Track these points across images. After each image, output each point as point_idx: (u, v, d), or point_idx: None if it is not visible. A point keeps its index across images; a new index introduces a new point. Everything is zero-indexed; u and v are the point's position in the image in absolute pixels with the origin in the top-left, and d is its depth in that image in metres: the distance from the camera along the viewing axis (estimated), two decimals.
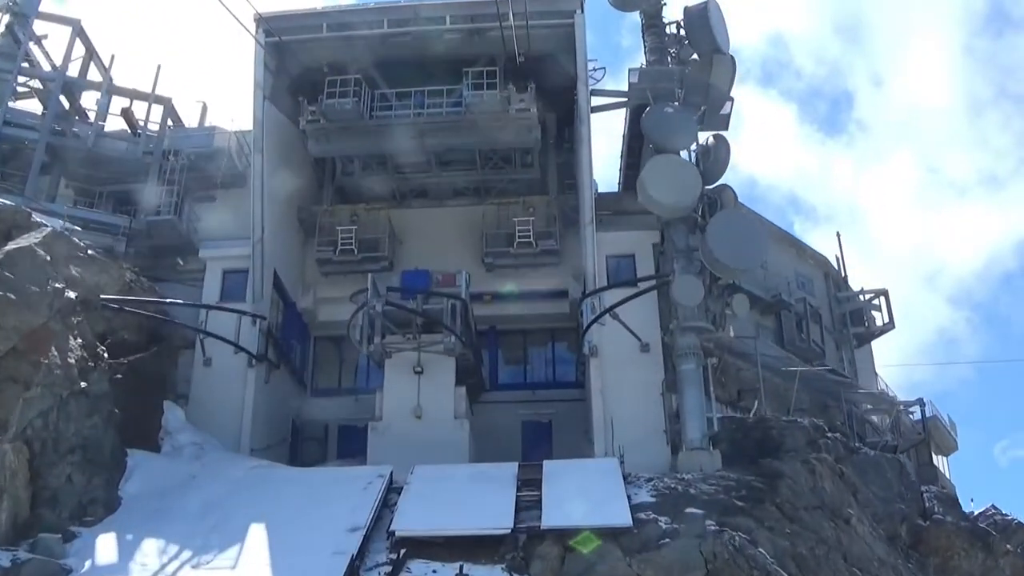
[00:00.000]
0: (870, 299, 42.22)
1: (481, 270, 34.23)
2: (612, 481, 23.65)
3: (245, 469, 26.13)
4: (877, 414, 39.26)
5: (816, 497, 25.42)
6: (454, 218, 36.06)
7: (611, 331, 28.84)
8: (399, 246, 35.68)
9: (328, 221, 35.55)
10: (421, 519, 22.01)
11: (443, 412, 28.82)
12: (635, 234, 31.63)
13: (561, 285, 34.00)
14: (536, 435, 33.28)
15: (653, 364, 29.30)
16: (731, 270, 27.68)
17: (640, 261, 31.12)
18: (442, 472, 24.77)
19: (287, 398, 33.38)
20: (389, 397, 29.13)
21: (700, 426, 26.62)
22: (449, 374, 29.36)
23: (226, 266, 32.99)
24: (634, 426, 28.22)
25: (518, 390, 34.88)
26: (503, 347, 36.13)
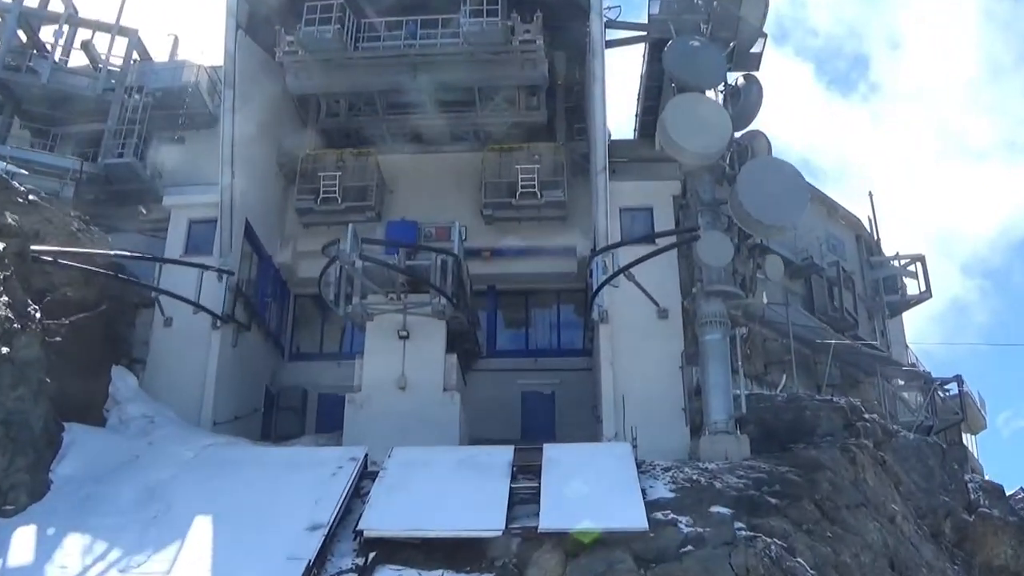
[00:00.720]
0: (905, 265, 38.50)
1: (479, 223, 30.89)
2: (624, 471, 20.09)
3: (198, 448, 22.60)
4: (909, 391, 35.84)
5: (858, 492, 21.98)
6: (450, 165, 32.60)
7: (624, 294, 25.21)
8: (389, 195, 32.25)
9: (310, 167, 31.98)
10: (395, 516, 18.50)
11: (431, 383, 25.41)
12: (653, 185, 28.03)
13: (568, 241, 30.46)
14: (537, 408, 30.13)
15: (672, 333, 25.85)
16: (764, 227, 23.97)
17: (659, 215, 27.50)
18: (424, 456, 21.24)
19: (260, 363, 30.02)
20: (370, 365, 25.67)
21: (725, 406, 23.05)
22: (438, 340, 25.89)
23: (193, 215, 29.67)
24: (649, 403, 24.81)
25: (518, 357, 31.52)
26: (503, 309, 32.81)
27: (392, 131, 33.00)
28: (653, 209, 27.64)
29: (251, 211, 29.44)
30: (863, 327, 34.87)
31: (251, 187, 29.56)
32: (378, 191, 31.51)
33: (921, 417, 33.85)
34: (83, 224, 26.51)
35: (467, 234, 29.41)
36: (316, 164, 31.96)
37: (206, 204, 28.90)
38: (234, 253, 28.13)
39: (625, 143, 32.19)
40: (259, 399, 29.75)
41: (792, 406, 25.10)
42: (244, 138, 29.03)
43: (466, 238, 29.29)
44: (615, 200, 27.07)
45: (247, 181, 29.12)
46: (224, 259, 27.83)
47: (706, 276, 24.06)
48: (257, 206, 30.04)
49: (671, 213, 27.41)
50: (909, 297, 38.38)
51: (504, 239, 30.82)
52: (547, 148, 31.40)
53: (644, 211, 27.67)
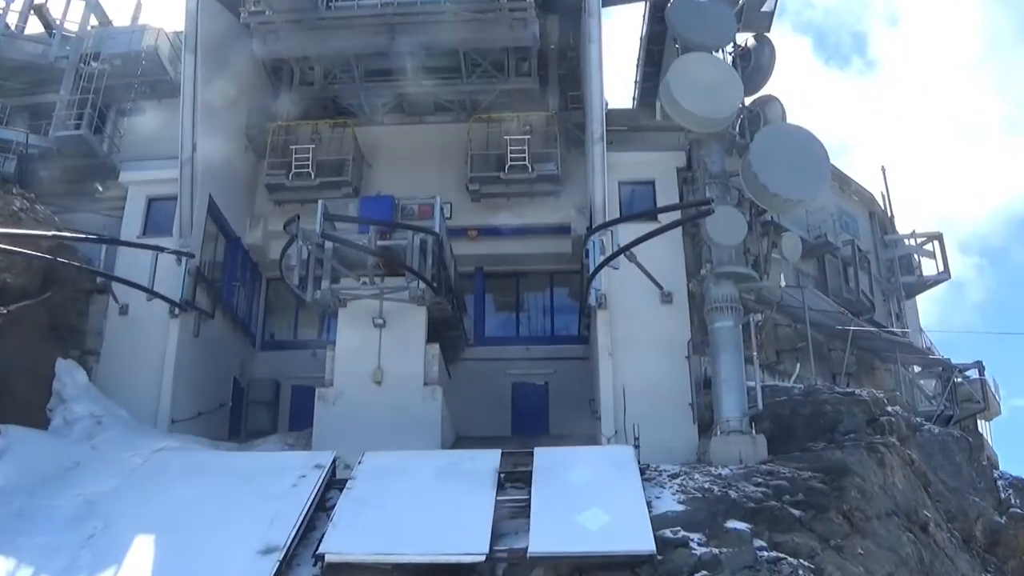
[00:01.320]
0: (922, 244, 36.01)
1: (465, 199, 28.55)
2: (626, 480, 17.62)
3: (147, 452, 20.14)
4: (925, 378, 33.37)
5: (889, 499, 19.65)
6: (434, 137, 30.09)
7: (625, 277, 22.68)
8: (367, 170, 29.89)
9: (282, 139, 29.59)
10: (362, 537, 16.02)
11: (410, 376, 22.91)
12: (655, 156, 25.58)
13: (562, 219, 28.05)
14: (529, 400, 27.80)
15: (677, 320, 23.39)
16: (781, 201, 21.54)
17: (661, 189, 25.02)
18: (399, 463, 18.78)
19: (226, 354, 27.50)
20: (342, 357, 23.17)
21: (739, 402, 20.64)
22: (418, 328, 23.38)
23: (152, 192, 27.08)
24: (652, 398, 22.40)
25: (509, 345, 29.09)
26: (491, 293, 30.38)
27: (371, 100, 30.50)
28: (655, 182, 25.12)
29: (216, 187, 26.86)
30: (878, 310, 32.42)
31: (216, 161, 26.86)
32: (355, 165, 29.10)
33: (941, 406, 31.40)
34: (27, 203, 23.99)
35: (452, 211, 27.38)
36: (288, 136, 29.56)
37: (167, 180, 26.18)
38: (195, 233, 25.55)
39: (623, 112, 29.66)
40: (226, 393, 27.22)
41: (810, 400, 22.67)
42: (208, 108, 26.42)
43: (451, 216, 27.11)
44: (613, 173, 24.53)
45: (211, 154, 26.44)
46: (184, 240, 25.23)
47: (716, 256, 21.58)
48: (223, 182, 27.48)
49: (675, 187, 24.97)
50: (926, 278, 35.93)
51: (492, 216, 28.45)
52: (539, 118, 28.98)
53: (645, 185, 25.17)
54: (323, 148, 29.15)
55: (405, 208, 24.05)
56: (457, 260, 26.97)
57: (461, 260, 27.41)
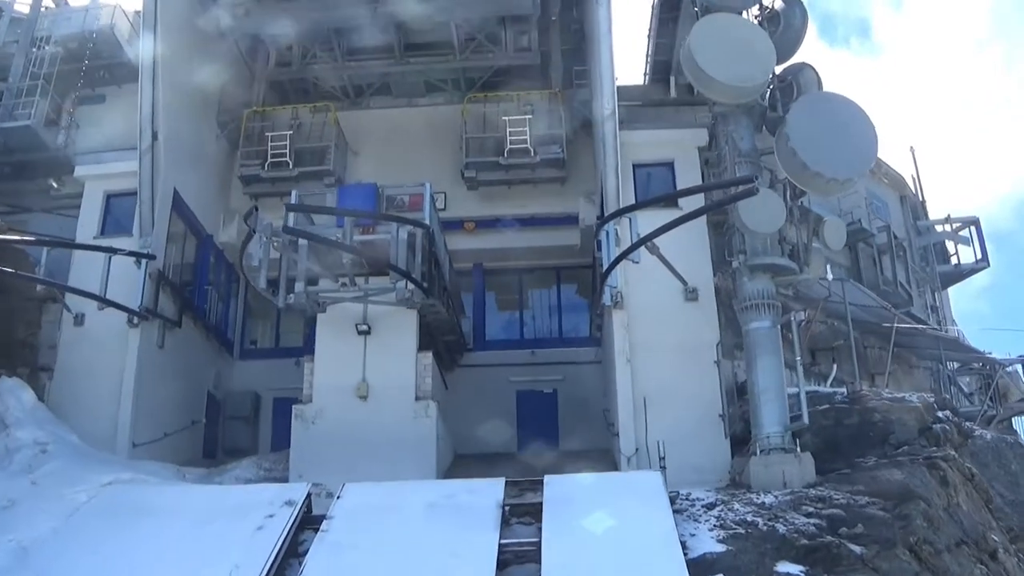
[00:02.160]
0: (957, 230, 33.21)
1: (461, 188, 26.00)
2: (655, 515, 14.75)
3: (95, 487, 17.24)
4: (963, 375, 30.80)
5: (956, 525, 16.98)
6: (425, 121, 27.55)
7: (643, 271, 19.82)
8: (352, 158, 27.28)
9: (257, 126, 26.91)
10: None
11: (399, 390, 20.06)
12: (673, 134, 22.73)
13: (570, 208, 25.53)
14: (536, 411, 25.02)
15: (703, 319, 20.53)
16: (824, 181, 18.65)
17: (682, 171, 22.09)
18: (385, 496, 15.94)
19: (198, 365, 24.66)
20: (322, 369, 20.37)
21: (780, 415, 17.82)
22: (408, 334, 20.54)
23: (111, 187, 24.19)
24: (677, 409, 19.60)
25: (512, 349, 26.28)
26: (492, 292, 27.63)
27: (355, 82, 28.00)
28: (674, 163, 22.24)
29: (183, 181, 24.07)
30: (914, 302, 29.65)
31: (182, 151, 24.14)
32: (339, 153, 26.50)
33: (984, 406, 28.67)
34: None
35: (446, 201, 25.29)
36: (264, 123, 26.97)
37: (127, 174, 23.31)
38: (157, 232, 22.73)
39: (635, 89, 26.71)
40: (198, 409, 24.46)
41: (857, 408, 19.88)
42: (173, 92, 23.61)
43: (444, 206, 24.92)
44: (627, 154, 21.64)
45: (177, 144, 23.67)
46: (144, 240, 22.44)
47: (750, 246, 18.70)
48: (191, 175, 24.72)
49: (697, 168, 22.10)
50: (963, 267, 33.13)
51: (491, 207, 26.03)
52: (541, 96, 26.35)
53: (663, 167, 22.29)
54: (303, 135, 26.53)
55: (393, 199, 21.24)
56: (453, 256, 24.53)
57: (457, 256, 25.12)
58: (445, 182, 25.56)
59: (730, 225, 19.25)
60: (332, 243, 18.55)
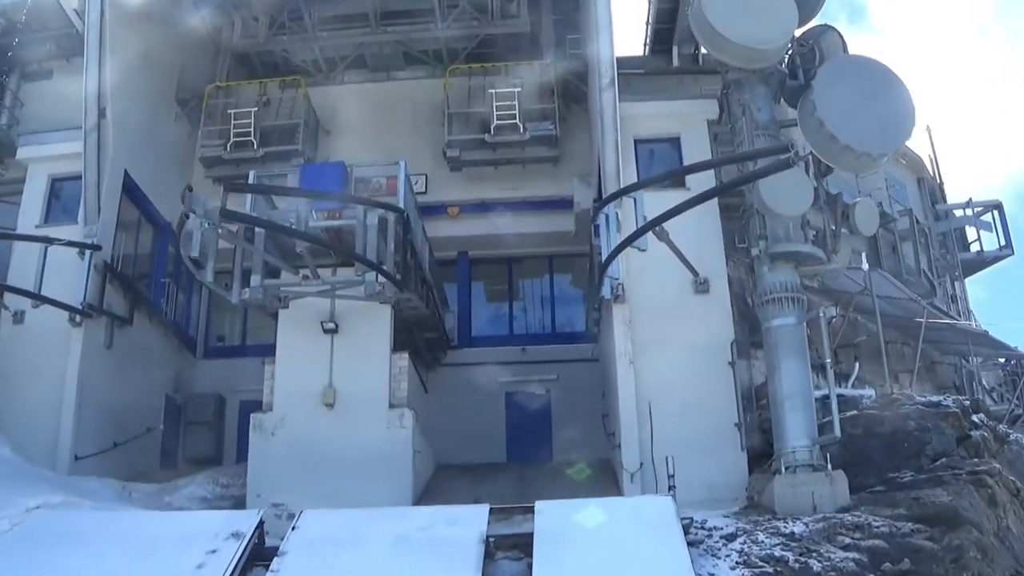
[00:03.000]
0: (979, 214, 30.81)
1: (443, 169, 23.81)
2: (667, 550, 12.40)
3: (19, 512, 14.86)
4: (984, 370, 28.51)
5: (1007, 552, 14.94)
6: (404, 96, 25.29)
7: (647, 260, 17.43)
8: (324, 137, 24.97)
9: (220, 103, 24.55)
10: None
11: (371, 397, 17.74)
12: (680, 106, 20.32)
13: (563, 190, 23.06)
14: (527, 415, 22.94)
15: (716, 314, 18.12)
16: (855, 156, 16.19)
17: (689, 146, 19.60)
18: (349, 527, 13.55)
19: (155, 366, 22.24)
20: (284, 372, 18.02)
21: (807, 426, 15.46)
22: (381, 333, 18.22)
23: (56, 170, 21.76)
24: (687, 418, 17.20)
25: (500, 346, 23.98)
26: (479, 283, 25.33)
27: (327, 54, 25.69)
28: (680, 139, 19.78)
29: (137, 163, 21.75)
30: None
31: (137, 131, 21.89)
32: (308, 132, 24.23)
33: (1013, 405, 26.38)
34: None
35: (427, 184, 23.10)
36: (228, 99, 24.64)
37: (74, 155, 20.91)
38: (105, 220, 20.41)
39: (634, 60, 24.26)
40: (155, 414, 22.06)
41: (888, 414, 17.50)
42: (125, 65, 21.37)
43: (426, 189, 22.87)
44: (628, 128, 19.22)
45: (130, 123, 21.50)
46: (89, 228, 20.07)
47: (771, 231, 16.30)
48: (147, 156, 22.36)
49: (706, 143, 19.65)
50: (986, 254, 30.70)
51: (476, 189, 23.86)
52: (531, 68, 24.06)
53: (668, 142, 19.83)
54: (270, 112, 24.25)
55: (368, 181, 18.79)
56: (435, 244, 22.33)
57: (440, 243, 22.93)
58: (426, 163, 23.47)
59: (747, 207, 16.85)
60: (280, 228, 16.14)
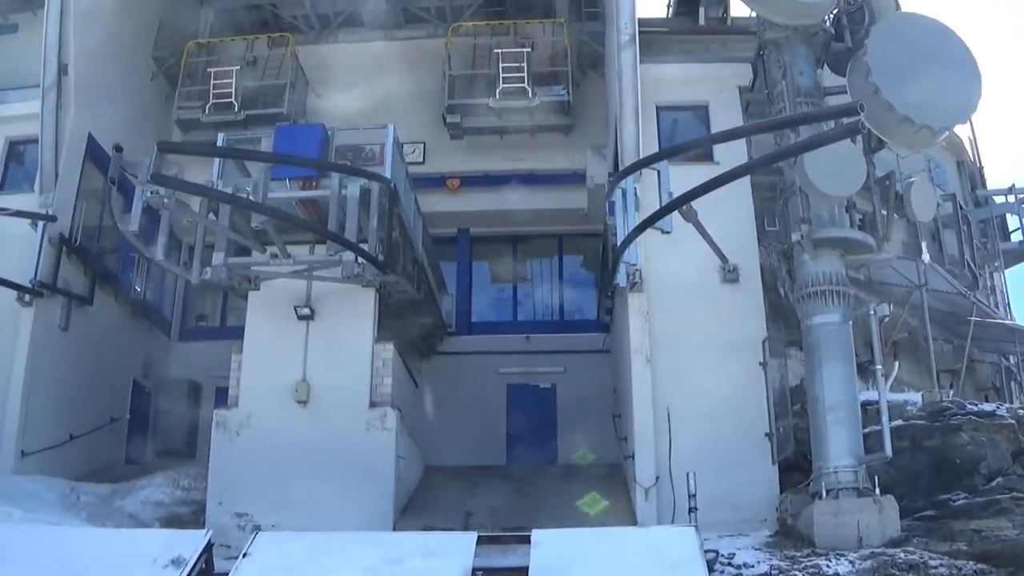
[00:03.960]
0: (1022, 200, 28.51)
1: (443, 137, 21.64)
2: None
3: None
4: None
5: None
6: (402, 57, 22.90)
7: (669, 243, 14.88)
8: (315, 100, 22.73)
9: (201, 61, 22.51)
10: None
11: (350, 393, 15.51)
12: (708, 69, 18.06)
13: (575, 163, 20.98)
14: (530, 410, 20.91)
15: (746, 307, 15.90)
16: (913, 130, 13.87)
17: (718, 115, 17.29)
18: (309, 554, 11.41)
19: (121, 350, 20.14)
20: (252, 363, 15.83)
21: (852, 442, 13.29)
22: (363, 320, 15.98)
23: (14, 132, 19.78)
24: (710, 426, 15.07)
25: (503, 333, 22.01)
26: (480, 263, 23.22)
27: (319, 9, 23.52)
28: (709, 107, 17.48)
29: (104, 126, 19.51)
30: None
31: (105, 90, 19.80)
32: (296, 93, 22.04)
33: None
34: None
35: (426, 153, 21.28)
36: (211, 57, 22.61)
37: (35, 116, 18.77)
38: (62, 187, 18.31)
39: (655, 21, 21.89)
40: (120, 403, 20.05)
41: (938, 427, 15.36)
42: (93, 17, 19.47)
43: (424, 159, 21.06)
44: (649, 93, 16.96)
45: (97, 81, 19.46)
46: (45, 196, 17.97)
47: (815, 213, 14.02)
48: (117, 119, 20.15)
49: (738, 111, 17.32)
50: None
51: (480, 159, 21.71)
52: (542, 27, 22.03)
53: (694, 110, 17.58)
54: (254, 72, 22.24)
55: (361, 149, 16.56)
56: (433, 219, 20.64)
57: (438, 219, 21.18)
58: (425, 130, 21.54)
59: (786, 186, 14.58)
60: (225, 198, 13.84)
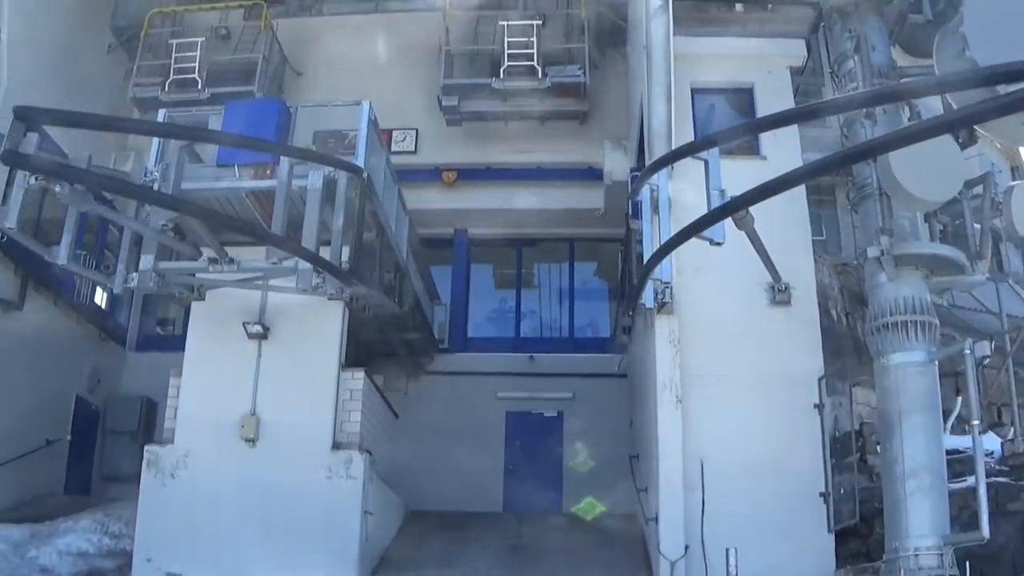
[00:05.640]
0: None
1: (438, 123, 19.12)
2: None
3: None
4: None
5: None
6: (394, 31, 20.32)
7: (704, 257, 12.03)
8: (294, 79, 20.27)
9: (164, 32, 19.89)
10: None
11: (308, 431, 12.77)
12: (754, 44, 14.89)
13: (591, 155, 18.30)
14: (532, 444, 18.09)
15: (799, 336, 12.87)
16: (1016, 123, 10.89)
17: (765, 99, 14.23)
18: None
19: (63, 361, 17.43)
20: (191, 391, 13.01)
21: (937, 517, 10.29)
22: (329, 340, 13.20)
23: None
24: (753, 484, 12.09)
25: (502, 352, 19.26)
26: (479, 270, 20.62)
27: None
28: (754, 89, 14.51)
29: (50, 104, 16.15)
30: None
31: (49, 64, 17.49)
32: (272, 71, 19.63)
33: None
34: None
35: (418, 141, 18.93)
36: (175, 28, 20.08)
37: None
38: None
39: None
40: (60, 422, 17.34)
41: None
42: None
43: (416, 148, 18.78)
44: (682, 72, 13.97)
45: (41, 51, 17.30)
46: None
47: (897, 224, 11.08)
48: (63, 97, 17.18)
49: (788, 95, 14.36)
50: None
51: (480, 150, 19.23)
52: None
53: (738, 93, 14.62)
54: (226, 47, 19.75)
55: (344, 136, 13.62)
56: (425, 217, 18.12)
57: (432, 217, 18.78)
58: (418, 115, 19.26)
59: (859, 187, 11.62)
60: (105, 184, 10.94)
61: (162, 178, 10.98)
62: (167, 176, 10.96)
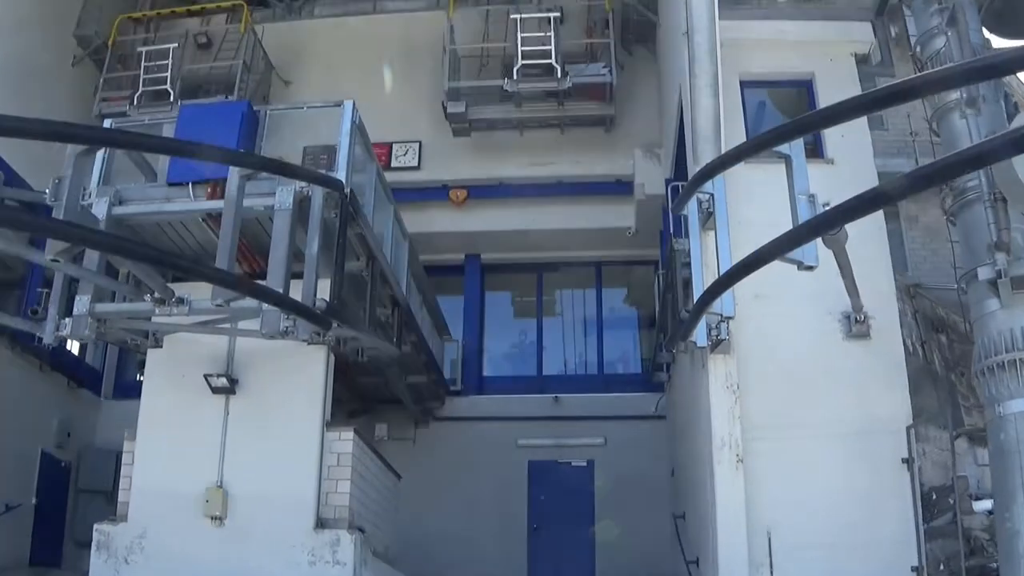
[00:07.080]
0: None
1: (444, 134, 17.20)
2: None
3: None
4: None
5: None
6: (394, 34, 18.67)
7: (762, 284, 9.77)
8: (281, 88, 18.47)
9: (136, 40, 18.00)
10: None
11: (287, 507, 10.38)
12: (814, 28, 12.77)
13: (619, 166, 16.59)
14: (559, 499, 16.19)
15: (882, 376, 10.60)
16: None
17: (828, 92, 12.04)
18: None
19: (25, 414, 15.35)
20: (147, 459, 10.76)
21: None
22: (310, 394, 10.79)
23: None
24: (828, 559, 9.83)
25: (523, 393, 17.39)
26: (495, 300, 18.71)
27: None
28: (814, 80, 12.37)
29: None
30: None
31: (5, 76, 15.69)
32: (255, 79, 17.67)
33: None
34: None
35: (421, 155, 17.17)
36: (148, 34, 18.33)
37: None
38: None
39: None
40: (23, 484, 15.30)
41: None
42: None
43: (420, 163, 17.10)
44: (730, 62, 11.77)
45: None
46: None
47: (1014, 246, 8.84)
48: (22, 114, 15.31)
49: (856, 87, 12.15)
50: None
51: (493, 163, 17.36)
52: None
53: (794, 86, 12.53)
54: (206, 55, 17.67)
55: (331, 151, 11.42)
56: (432, 242, 16.76)
57: (440, 242, 17.41)
58: (421, 126, 17.52)
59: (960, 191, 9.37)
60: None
61: (53, 196, 8.79)
62: (59, 194, 8.73)
